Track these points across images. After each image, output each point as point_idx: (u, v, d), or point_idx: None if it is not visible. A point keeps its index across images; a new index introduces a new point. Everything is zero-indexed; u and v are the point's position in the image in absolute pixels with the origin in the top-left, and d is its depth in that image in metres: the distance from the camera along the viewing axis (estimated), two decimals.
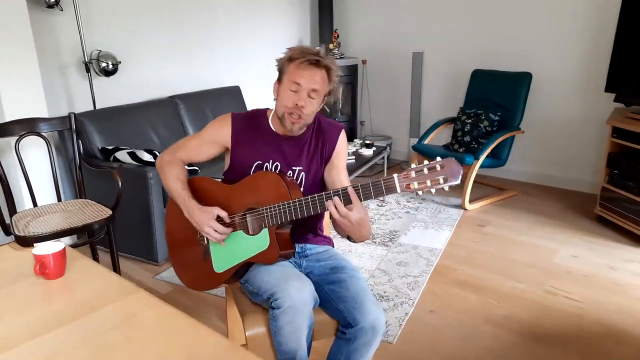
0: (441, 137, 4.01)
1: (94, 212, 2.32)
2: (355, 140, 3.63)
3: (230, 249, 1.47)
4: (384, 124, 4.99)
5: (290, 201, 1.35)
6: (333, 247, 1.68)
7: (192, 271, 1.58)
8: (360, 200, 1.28)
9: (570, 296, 2.40)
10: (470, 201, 3.58)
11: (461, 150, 3.73)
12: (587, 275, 2.60)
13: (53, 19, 2.89)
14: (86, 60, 2.98)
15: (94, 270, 1.24)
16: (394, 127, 4.91)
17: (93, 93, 3.04)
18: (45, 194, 2.60)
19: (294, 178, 1.53)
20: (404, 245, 2.95)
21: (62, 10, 2.85)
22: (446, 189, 1.21)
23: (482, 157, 3.45)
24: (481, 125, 3.65)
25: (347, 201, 1.28)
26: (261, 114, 1.58)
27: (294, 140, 1.53)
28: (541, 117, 4.00)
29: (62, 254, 1.21)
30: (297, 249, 1.57)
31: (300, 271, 1.53)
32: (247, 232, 1.45)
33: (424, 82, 4.59)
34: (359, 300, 1.37)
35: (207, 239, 1.51)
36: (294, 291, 1.31)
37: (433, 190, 1.22)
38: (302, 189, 1.51)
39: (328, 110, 4.84)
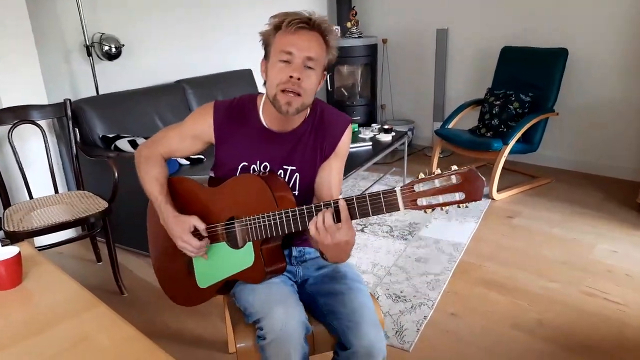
0: (467, 120, 3.72)
1: (90, 204, 2.19)
2: (372, 125, 3.39)
3: (213, 262, 1.29)
4: (407, 107, 4.72)
5: (277, 212, 1.13)
6: None
7: (176, 285, 1.41)
8: (355, 217, 1.05)
9: (610, 297, 2.15)
10: (499, 190, 3.31)
11: (489, 134, 3.45)
12: (629, 274, 2.34)
13: (54, 1, 2.75)
14: (87, 43, 2.83)
15: (55, 278, 1.09)
16: (417, 111, 4.64)
17: (96, 78, 2.90)
18: (44, 186, 2.48)
19: (286, 179, 1.29)
20: (425, 240, 2.73)
21: None
22: (463, 207, 0.94)
23: (512, 142, 3.17)
24: (511, 107, 3.37)
25: (338, 216, 1.06)
26: (250, 103, 1.30)
27: (287, 135, 1.28)
28: (578, 98, 3.66)
29: (15, 260, 1.06)
30: (295, 253, 1.37)
31: (296, 281, 1.34)
32: (230, 245, 1.26)
33: (448, 61, 4.29)
34: (354, 319, 1.16)
35: None
36: (278, 321, 1.11)
37: (445, 209, 0.96)
38: (295, 192, 1.29)
39: (346, 94, 4.60)
